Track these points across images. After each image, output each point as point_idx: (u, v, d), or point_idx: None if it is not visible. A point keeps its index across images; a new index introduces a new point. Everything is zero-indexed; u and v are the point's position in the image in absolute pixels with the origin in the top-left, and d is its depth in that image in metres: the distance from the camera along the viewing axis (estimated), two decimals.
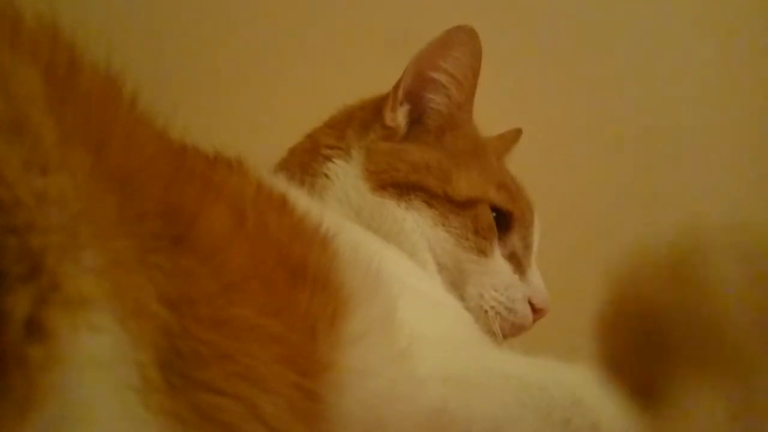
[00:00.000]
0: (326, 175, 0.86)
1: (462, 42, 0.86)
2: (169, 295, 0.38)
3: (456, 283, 0.81)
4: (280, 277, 0.47)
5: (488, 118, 0.97)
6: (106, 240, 0.35)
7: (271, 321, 0.43)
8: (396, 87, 0.87)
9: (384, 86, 0.89)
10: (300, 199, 0.66)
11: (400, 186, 0.83)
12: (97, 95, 0.42)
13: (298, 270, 0.49)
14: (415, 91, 0.88)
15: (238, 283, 0.43)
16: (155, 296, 0.37)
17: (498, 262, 0.84)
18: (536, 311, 0.84)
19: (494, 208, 0.85)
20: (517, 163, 1.03)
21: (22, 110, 0.34)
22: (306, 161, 0.88)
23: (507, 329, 0.82)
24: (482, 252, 0.82)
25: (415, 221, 0.82)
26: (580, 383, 0.54)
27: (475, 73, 0.88)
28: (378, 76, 0.90)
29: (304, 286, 0.48)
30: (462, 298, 0.80)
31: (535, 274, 0.88)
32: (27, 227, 0.32)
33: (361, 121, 0.90)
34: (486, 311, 0.80)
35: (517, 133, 1.11)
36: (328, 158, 0.87)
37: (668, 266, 0.35)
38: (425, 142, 0.88)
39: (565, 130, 1.37)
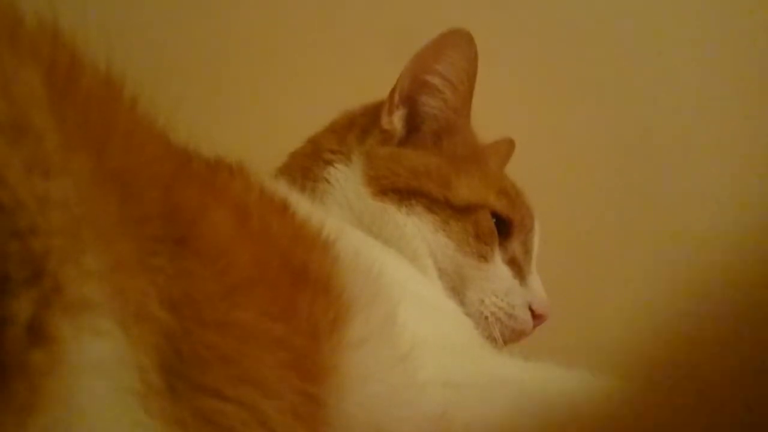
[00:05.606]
0: (327, 180, 0.86)
1: (456, 45, 0.85)
2: (172, 298, 0.37)
3: (456, 289, 0.81)
4: (283, 280, 0.47)
5: (486, 122, 0.97)
6: (108, 243, 0.35)
7: (273, 324, 0.42)
8: (392, 90, 0.87)
9: (387, 91, 0.89)
10: (301, 203, 0.66)
11: (400, 191, 0.83)
12: (98, 96, 0.42)
13: (299, 274, 0.49)
14: (411, 94, 0.88)
15: (240, 286, 0.43)
16: (157, 299, 0.37)
17: (499, 268, 0.84)
18: (536, 317, 0.84)
19: (494, 214, 0.85)
20: (518, 168, 1.03)
21: (24, 112, 0.34)
22: (307, 166, 0.88)
23: (507, 335, 0.82)
24: (483, 257, 0.82)
25: (416, 226, 0.82)
26: (580, 389, 0.54)
27: (471, 76, 0.87)
28: (380, 80, 0.89)
29: (305, 290, 0.48)
30: (462, 303, 0.80)
31: (535, 279, 0.88)
32: (29, 231, 0.31)
33: (362, 126, 0.90)
34: (486, 317, 0.80)
35: (510, 145, 1.10)
36: (330, 163, 0.87)
37: None
38: (424, 147, 0.88)
39: (565, 134, 1.37)
